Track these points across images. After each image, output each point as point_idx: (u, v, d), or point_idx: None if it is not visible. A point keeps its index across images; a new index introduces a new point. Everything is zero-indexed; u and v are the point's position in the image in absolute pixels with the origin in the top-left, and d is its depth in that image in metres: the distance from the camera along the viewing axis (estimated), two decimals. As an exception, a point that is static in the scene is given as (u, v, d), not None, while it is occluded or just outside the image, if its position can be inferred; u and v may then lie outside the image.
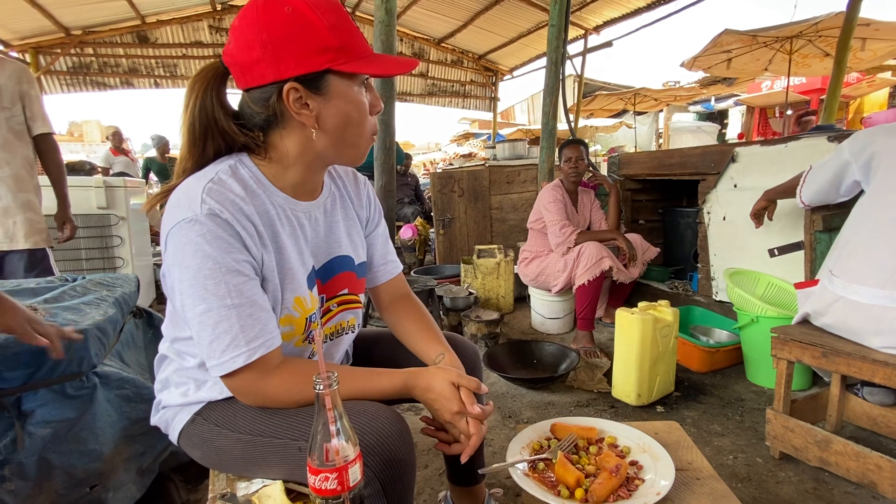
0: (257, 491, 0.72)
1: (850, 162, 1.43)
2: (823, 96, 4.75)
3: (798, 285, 1.57)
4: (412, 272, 3.41)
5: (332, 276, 0.85)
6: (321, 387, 0.55)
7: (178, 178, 0.74)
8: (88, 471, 1.07)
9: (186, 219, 0.65)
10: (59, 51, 6.01)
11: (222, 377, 0.69)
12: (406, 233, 4.41)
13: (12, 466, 0.98)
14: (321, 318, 0.83)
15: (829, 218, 1.67)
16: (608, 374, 2.04)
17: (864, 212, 1.38)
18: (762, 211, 1.88)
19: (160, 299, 3.37)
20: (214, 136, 0.74)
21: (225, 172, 0.71)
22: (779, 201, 1.86)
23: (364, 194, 0.96)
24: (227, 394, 0.78)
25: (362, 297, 0.92)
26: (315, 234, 0.82)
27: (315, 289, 0.81)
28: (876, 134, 1.41)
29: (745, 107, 10.53)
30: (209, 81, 0.73)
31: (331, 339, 0.86)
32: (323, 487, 0.55)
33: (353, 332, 0.91)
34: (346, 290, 0.88)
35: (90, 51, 6.24)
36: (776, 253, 1.98)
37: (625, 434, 1.02)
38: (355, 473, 0.57)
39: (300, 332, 0.79)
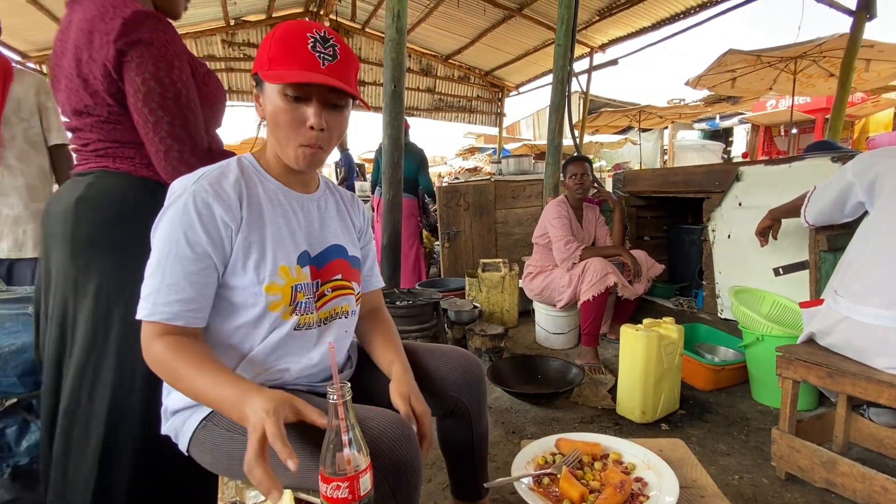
0: (266, 499, 0.73)
1: (853, 183, 1.45)
2: (828, 116, 4.79)
3: (803, 305, 1.58)
4: (416, 284, 3.42)
5: (326, 263, 0.90)
6: (334, 397, 0.57)
7: None
8: None
9: (179, 194, 0.77)
10: (75, 63, 6.15)
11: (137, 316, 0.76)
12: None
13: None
14: (316, 302, 0.86)
15: (834, 238, 1.68)
16: (612, 391, 2.03)
17: (868, 233, 1.39)
18: (767, 229, 1.89)
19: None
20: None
21: (230, 161, 0.85)
22: (783, 220, 1.87)
23: (358, 207, 1.04)
24: None
25: (356, 286, 0.95)
26: (309, 223, 0.89)
27: (307, 269, 0.86)
28: (879, 156, 1.42)
29: (750, 125, 10.59)
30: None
31: (324, 324, 0.88)
32: (334, 496, 0.57)
33: (346, 317, 0.93)
34: (339, 276, 0.91)
35: (105, 63, 6.38)
36: (781, 272, 1.99)
37: (629, 451, 1.02)
38: (366, 483, 0.58)
39: (287, 301, 0.82)
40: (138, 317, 0.75)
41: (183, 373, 0.72)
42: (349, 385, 0.58)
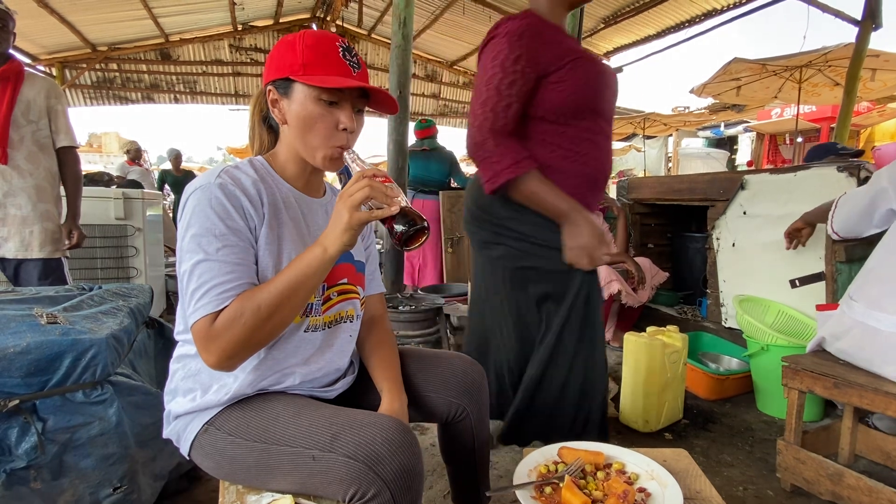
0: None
1: (887, 189, 1.39)
2: (834, 125, 4.77)
3: (819, 307, 1.56)
4: (418, 290, 3.42)
5: (332, 267, 0.89)
6: (347, 155, 0.83)
7: None
8: (110, 473, 1.11)
9: (202, 186, 0.77)
10: (84, 65, 6.22)
11: (191, 328, 0.74)
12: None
13: (36, 468, 1.02)
14: (322, 305, 0.87)
15: (852, 248, 1.64)
16: (616, 399, 2.02)
17: (892, 239, 1.35)
18: (796, 232, 1.86)
19: (170, 310, 3.41)
20: (257, 134, 0.93)
21: (244, 163, 0.86)
22: (784, 230, 1.85)
23: None
24: (232, 396, 0.80)
25: (360, 291, 0.96)
26: (317, 227, 0.90)
27: None
28: None
29: (755, 133, 10.57)
30: (259, 93, 0.91)
31: (329, 328, 0.90)
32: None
33: (350, 321, 0.94)
34: (345, 280, 0.92)
35: (114, 66, 6.46)
36: (798, 284, 1.96)
37: (633, 460, 1.01)
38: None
39: None
40: (203, 314, 0.71)
41: (263, 293, 0.73)
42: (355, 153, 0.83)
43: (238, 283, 0.74)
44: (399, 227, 0.73)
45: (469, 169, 5.56)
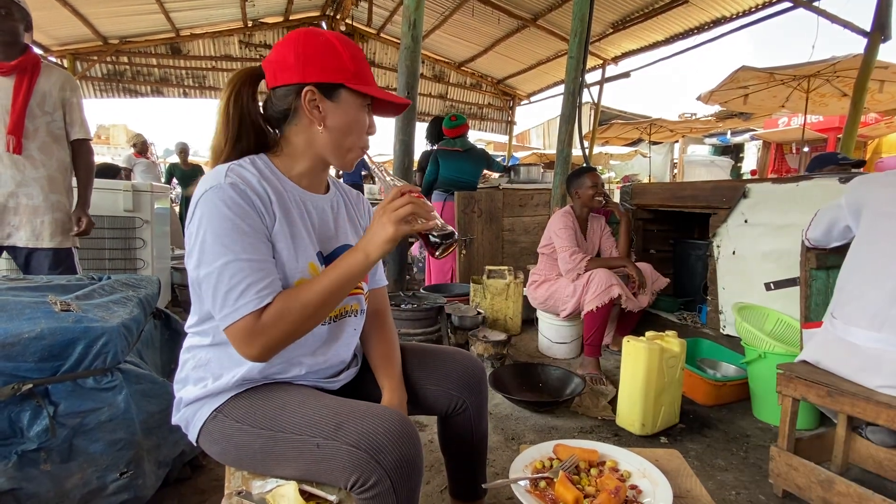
0: (272, 490, 0.75)
1: (842, 206, 1.51)
2: (841, 135, 4.77)
3: (805, 325, 1.60)
4: (421, 289, 3.44)
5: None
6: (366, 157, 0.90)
7: (214, 164, 0.87)
8: (117, 458, 1.14)
9: (214, 187, 0.78)
10: (95, 58, 6.28)
11: (228, 327, 0.75)
12: (417, 249, 4.44)
13: (46, 451, 1.06)
14: None
15: (824, 257, 1.71)
16: (613, 402, 2.04)
17: (855, 257, 1.44)
18: None
19: (175, 302, 3.45)
20: (247, 128, 0.88)
21: (245, 161, 0.85)
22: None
23: (364, 207, 1.08)
24: (239, 379, 0.83)
25: (364, 286, 1.00)
26: (322, 223, 0.93)
27: (322, 268, 0.89)
28: (868, 181, 1.49)
29: (761, 141, 10.55)
30: (246, 78, 0.88)
31: (335, 321, 0.93)
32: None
33: (355, 316, 0.97)
34: None
35: (125, 59, 6.51)
36: (773, 287, 2.01)
37: (626, 459, 1.04)
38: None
39: None
40: (245, 312, 0.74)
41: (309, 293, 0.77)
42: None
43: (271, 280, 0.78)
44: (434, 239, 0.79)
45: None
